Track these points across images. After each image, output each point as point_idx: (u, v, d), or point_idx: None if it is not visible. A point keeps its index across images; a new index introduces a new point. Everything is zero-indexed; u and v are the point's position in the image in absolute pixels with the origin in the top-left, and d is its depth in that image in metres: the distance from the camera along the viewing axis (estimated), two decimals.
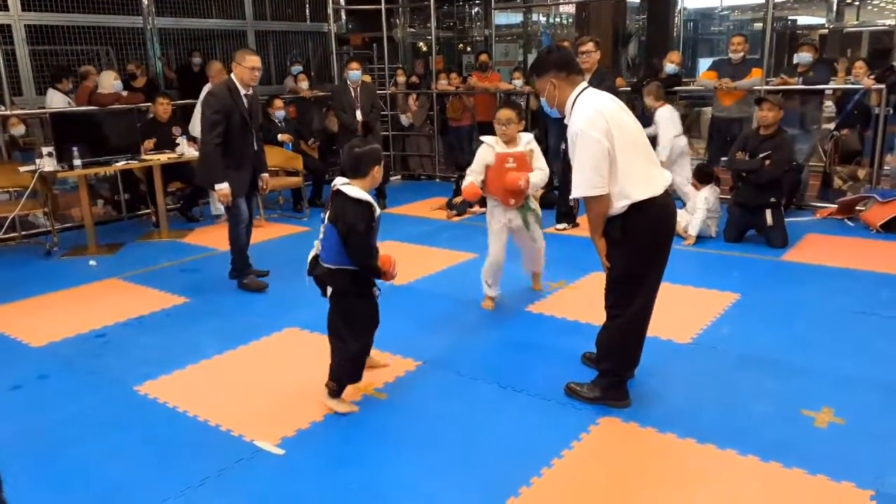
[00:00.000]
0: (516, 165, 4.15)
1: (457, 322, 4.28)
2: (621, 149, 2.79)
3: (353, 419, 3.14)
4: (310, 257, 3.17)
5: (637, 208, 2.83)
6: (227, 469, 2.76)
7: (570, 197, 2.98)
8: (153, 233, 6.88)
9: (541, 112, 8.27)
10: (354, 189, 3.01)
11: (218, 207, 6.39)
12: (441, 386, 3.46)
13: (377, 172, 3.10)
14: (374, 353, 3.54)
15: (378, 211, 3.08)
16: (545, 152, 7.43)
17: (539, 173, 4.23)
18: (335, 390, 3.18)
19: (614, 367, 3.12)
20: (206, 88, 6.09)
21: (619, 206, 2.84)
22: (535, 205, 4.42)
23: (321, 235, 3.10)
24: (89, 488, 2.68)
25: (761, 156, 5.71)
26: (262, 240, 5.64)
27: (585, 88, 2.93)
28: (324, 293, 3.16)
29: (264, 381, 3.56)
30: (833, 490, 2.55)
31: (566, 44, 6.59)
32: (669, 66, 7.58)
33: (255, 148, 4.97)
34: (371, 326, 3.22)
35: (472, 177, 4.25)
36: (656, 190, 2.87)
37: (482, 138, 4.30)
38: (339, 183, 3.05)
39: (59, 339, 4.18)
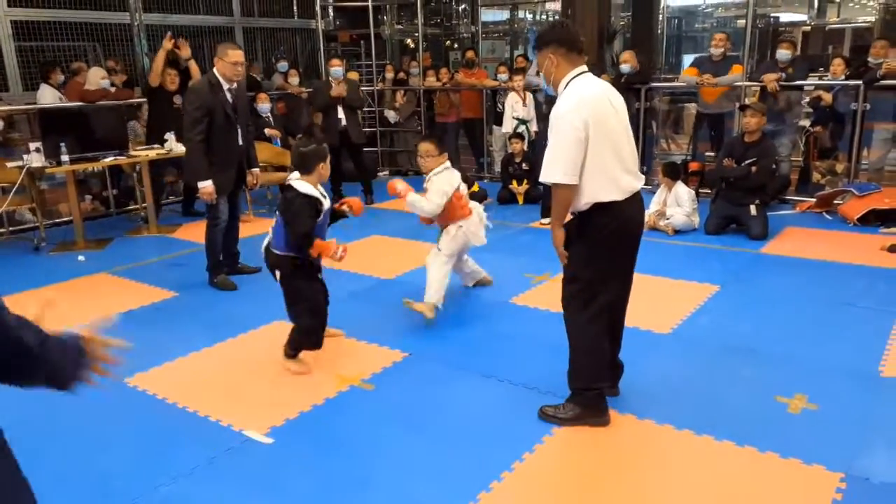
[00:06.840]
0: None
1: (442, 314, 4.33)
2: (595, 143, 2.73)
3: (341, 409, 3.22)
4: (263, 247, 3.56)
5: (600, 210, 2.80)
6: (217, 457, 2.83)
7: (539, 180, 2.92)
8: (141, 228, 6.90)
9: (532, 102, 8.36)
10: (303, 184, 3.40)
11: None
12: (427, 376, 3.54)
13: (323, 169, 3.45)
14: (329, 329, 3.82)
15: (325, 204, 3.44)
16: (531, 143, 7.53)
17: (421, 200, 4.13)
18: (290, 354, 3.57)
19: (581, 383, 3.00)
20: None
21: (581, 202, 2.80)
22: (441, 242, 4.30)
23: (273, 224, 3.49)
24: (83, 478, 2.74)
25: (747, 162, 5.82)
26: (250, 234, 5.68)
27: (584, 73, 2.87)
28: (275, 277, 3.53)
29: (252, 373, 3.62)
30: (805, 473, 2.65)
31: None
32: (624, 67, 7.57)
33: (242, 143, 4.89)
34: (316, 305, 3.55)
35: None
36: (618, 195, 2.81)
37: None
38: (293, 178, 3.46)
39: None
